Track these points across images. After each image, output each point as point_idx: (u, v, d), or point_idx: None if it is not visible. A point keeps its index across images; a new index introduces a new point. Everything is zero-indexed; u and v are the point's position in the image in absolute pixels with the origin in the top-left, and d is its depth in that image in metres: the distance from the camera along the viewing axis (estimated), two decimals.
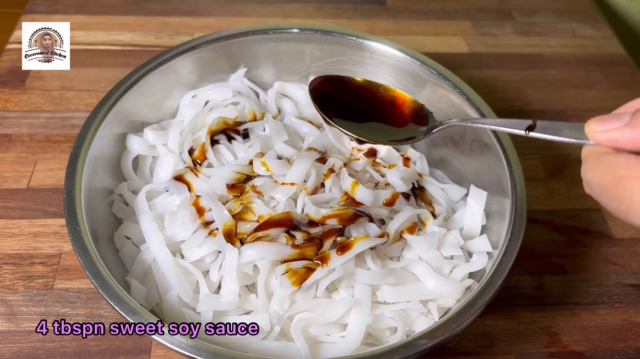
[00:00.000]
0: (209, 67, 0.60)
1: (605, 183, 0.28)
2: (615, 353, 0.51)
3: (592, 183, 0.29)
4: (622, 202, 0.27)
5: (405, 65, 0.58)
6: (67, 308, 0.50)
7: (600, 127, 0.29)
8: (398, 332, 0.45)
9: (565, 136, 0.32)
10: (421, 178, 0.56)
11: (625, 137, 0.28)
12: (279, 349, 0.44)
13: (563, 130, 0.33)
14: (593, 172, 0.29)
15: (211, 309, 0.45)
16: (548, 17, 0.87)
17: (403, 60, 0.58)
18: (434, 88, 0.57)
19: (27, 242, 0.54)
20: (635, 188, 0.26)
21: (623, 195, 0.27)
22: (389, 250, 0.50)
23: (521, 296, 0.54)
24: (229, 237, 0.47)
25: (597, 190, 0.28)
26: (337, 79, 0.51)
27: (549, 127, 0.34)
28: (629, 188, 0.26)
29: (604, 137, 0.29)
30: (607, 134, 0.29)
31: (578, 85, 0.76)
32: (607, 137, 0.28)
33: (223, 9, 0.82)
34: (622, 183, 0.27)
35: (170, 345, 0.38)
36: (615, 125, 0.28)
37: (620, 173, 0.27)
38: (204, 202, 0.49)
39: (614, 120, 0.28)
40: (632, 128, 0.27)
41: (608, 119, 0.29)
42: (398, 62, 0.58)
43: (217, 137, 0.56)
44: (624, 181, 0.27)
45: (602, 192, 0.28)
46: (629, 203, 0.26)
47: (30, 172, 0.60)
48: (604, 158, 0.28)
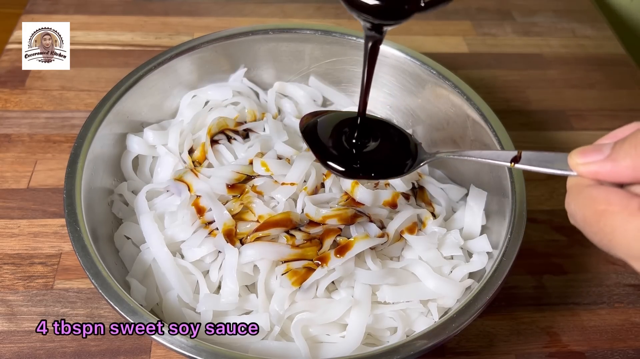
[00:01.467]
0: (209, 67, 0.60)
1: (587, 217, 0.28)
2: (615, 353, 0.51)
3: (575, 216, 0.29)
4: (604, 236, 0.27)
5: (405, 65, 0.58)
6: (67, 308, 0.50)
7: (581, 159, 0.29)
8: (398, 332, 0.45)
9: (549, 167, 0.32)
10: (421, 178, 0.56)
11: (606, 169, 0.27)
12: (279, 349, 0.44)
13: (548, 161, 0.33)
14: (575, 205, 0.29)
15: (211, 309, 0.45)
16: (548, 17, 0.87)
17: (403, 60, 0.58)
18: (434, 88, 0.57)
19: (27, 242, 0.54)
20: (616, 224, 0.26)
21: (604, 230, 0.27)
22: (389, 250, 0.50)
23: (521, 296, 0.54)
24: (229, 237, 0.47)
25: (580, 223, 0.28)
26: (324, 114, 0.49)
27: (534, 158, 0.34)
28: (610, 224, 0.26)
29: (586, 169, 0.28)
30: (588, 167, 0.28)
31: (578, 85, 0.76)
32: (589, 169, 0.28)
33: (223, 9, 0.82)
34: (603, 218, 0.27)
35: (170, 345, 0.38)
36: (596, 157, 0.28)
37: (601, 208, 0.27)
38: (204, 202, 0.49)
39: (594, 153, 0.28)
40: (612, 161, 0.27)
41: (589, 151, 0.29)
42: (398, 62, 0.58)
43: (217, 137, 0.56)
44: (605, 216, 0.26)
45: (584, 225, 0.28)
46: (611, 238, 0.26)
47: (30, 172, 0.60)
48: (586, 191, 0.28)
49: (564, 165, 0.31)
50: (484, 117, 0.52)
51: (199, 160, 0.54)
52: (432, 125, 0.59)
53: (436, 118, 0.57)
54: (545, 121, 0.71)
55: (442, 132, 0.58)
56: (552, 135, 0.70)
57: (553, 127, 0.70)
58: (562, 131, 0.70)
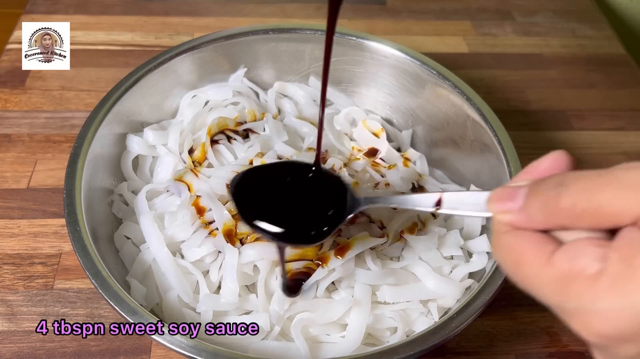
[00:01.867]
0: (209, 67, 0.60)
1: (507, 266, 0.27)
2: None
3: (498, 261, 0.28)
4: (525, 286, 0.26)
5: (405, 65, 0.58)
6: (67, 308, 0.50)
7: (498, 207, 0.28)
8: (398, 332, 0.45)
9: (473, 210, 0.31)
10: (421, 178, 0.56)
11: (521, 220, 0.26)
12: (279, 349, 0.44)
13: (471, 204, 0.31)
14: (497, 254, 0.28)
15: (211, 309, 0.45)
16: (548, 17, 0.87)
17: (403, 60, 0.58)
18: (434, 88, 0.57)
19: (27, 242, 0.54)
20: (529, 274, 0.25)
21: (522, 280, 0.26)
22: (389, 250, 0.50)
23: (521, 296, 0.54)
24: (229, 237, 0.47)
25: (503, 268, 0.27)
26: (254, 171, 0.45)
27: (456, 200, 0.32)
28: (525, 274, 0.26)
29: (503, 218, 0.27)
30: (505, 216, 0.27)
31: (578, 85, 0.76)
32: (506, 218, 0.27)
33: (223, 9, 0.82)
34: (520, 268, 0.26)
35: (170, 345, 0.38)
36: (511, 206, 0.27)
37: (515, 259, 0.26)
38: (204, 202, 0.49)
39: (509, 201, 0.27)
40: (525, 211, 0.26)
41: (505, 198, 0.27)
42: (398, 62, 0.58)
43: (217, 137, 0.56)
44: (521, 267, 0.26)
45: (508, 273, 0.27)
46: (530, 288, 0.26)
47: (30, 172, 0.60)
48: (503, 239, 0.27)
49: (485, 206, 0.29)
50: (484, 117, 0.52)
51: (199, 160, 0.54)
52: (432, 125, 0.59)
53: (436, 118, 0.57)
54: (545, 121, 0.71)
55: (442, 132, 0.58)
56: (552, 135, 0.70)
57: (553, 127, 0.71)
58: (562, 131, 0.70)
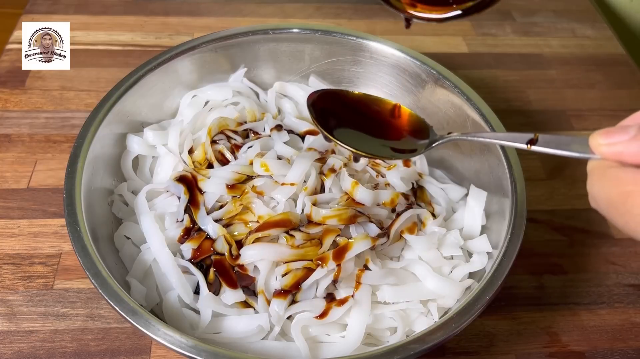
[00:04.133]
0: (209, 67, 0.60)
1: (613, 199, 0.26)
2: (615, 353, 0.51)
3: (599, 198, 0.28)
4: (631, 218, 0.26)
5: (405, 65, 0.58)
6: (67, 308, 0.50)
7: (605, 139, 0.28)
8: (398, 332, 0.45)
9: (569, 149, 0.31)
10: (421, 178, 0.56)
11: (631, 150, 0.26)
12: (279, 349, 0.44)
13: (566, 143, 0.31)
14: (599, 187, 0.27)
15: (211, 309, 0.45)
16: (548, 17, 0.87)
17: (403, 60, 0.58)
18: (434, 88, 0.57)
19: (27, 242, 0.54)
20: None
21: (632, 211, 0.25)
22: (389, 250, 0.50)
23: (521, 296, 0.54)
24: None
25: (604, 205, 0.27)
26: (334, 93, 0.49)
27: (551, 141, 0.33)
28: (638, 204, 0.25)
29: (610, 150, 0.27)
30: (612, 147, 0.27)
31: (578, 85, 0.76)
32: (613, 150, 0.27)
33: (223, 9, 0.82)
34: (630, 198, 0.25)
35: (170, 345, 0.38)
36: (622, 138, 0.27)
37: (628, 189, 0.26)
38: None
39: (620, 133, 0.27)
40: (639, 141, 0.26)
41: (614, 132, 0.27)
42: (398, 62, 0.58)
43: (217, 137, 0.56)
44: (632, 197, 0.25)
45: (609, 208, 0.27)
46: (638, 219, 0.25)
47: (30, 172, 0.60)
48: (611, 172, 0.27)
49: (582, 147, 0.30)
50: (484, 117, 0.52)
51: (199, 160, 0.54)
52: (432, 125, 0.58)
53: (436, 118, 0.57)
54: (545, 121, 0.71)
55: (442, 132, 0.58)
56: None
57: (553, 127, 0.70)
58: (562, 131, 0.70)
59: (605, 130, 0.28)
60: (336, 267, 0.45)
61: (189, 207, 0.50)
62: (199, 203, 0.50)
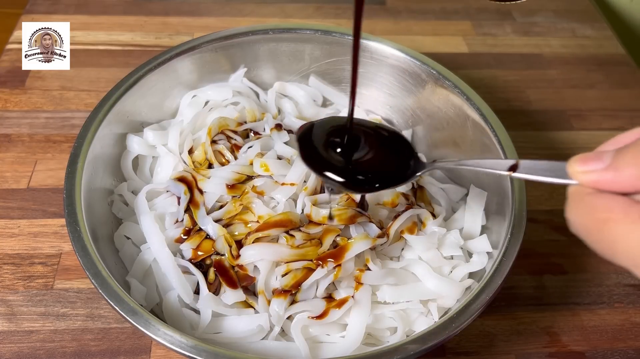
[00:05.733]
0: (209, 67, 0.60)
1: (588, 226, 0.27)
2: (615, 353, 0.51)
3: (576, 224, 0.28)
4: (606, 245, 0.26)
5: (405, 65, 0.58)
6: (67, 308, 0.50)
7: (581, 167, 0.28)
8: (398, 332, 0.45)
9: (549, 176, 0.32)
10: (421, 178, 0.56)
11: (607, 178, 0.27)
12: (279, 349, 0.44)
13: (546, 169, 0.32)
14: (576, 214, 0.28)
15: (211, 309, 0.45)
16: (548, 17, 0.87)
17: (403, 60, 0.58)
18: (434, 88, 0.57)
19: (27, 242, 0.54)
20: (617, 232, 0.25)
21: (606, 239, 0.26)
22: (389, 250, 0.50)
23: (521, 296, 0.54)
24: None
25: (581, 231, 0.28)
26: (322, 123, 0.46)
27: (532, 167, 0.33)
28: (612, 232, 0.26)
29: (586, 178, 0.28)
30: (588, 175, 0.28)
31: (578, 85, 0.76)
32: (589, 178, 0.27)
33: (223, 9, 0.82)
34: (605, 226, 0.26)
35: (170, 345, 0.38)
36: (597, 166, 0.27)
37: (603, 216, 0.26)
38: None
39: (595, 161, 0.27)
40: (614, 170, 0.26)
41: (590, 159, 0.28)
42: (398, 62, 0.58)
43: (217, 137, 0.56)
44: (606, 225, 0.26)
45: (586, 234, 0.27)
46: (613, 247, 0.26)
47: (30, 172, 0.60)
48: (587, 199, 0.27)
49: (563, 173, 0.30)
50: (484, 117, 0.52)
51: (199, 160, 0.54)
52: (432, 125, 0.59)
53: (436, 118, 0.57)
54: (545, 121, 0.71)
55: (442, 132, 0.58)
56: (553, 135, 0.70)
57: (553, 127, 0.70)
58: (562, 131, 0.70)
59: (582, 156, 0.29)
60: (336, 267, 0.45)
61: (189, 207, 0.50)
62: (199, 203, 0.50)
